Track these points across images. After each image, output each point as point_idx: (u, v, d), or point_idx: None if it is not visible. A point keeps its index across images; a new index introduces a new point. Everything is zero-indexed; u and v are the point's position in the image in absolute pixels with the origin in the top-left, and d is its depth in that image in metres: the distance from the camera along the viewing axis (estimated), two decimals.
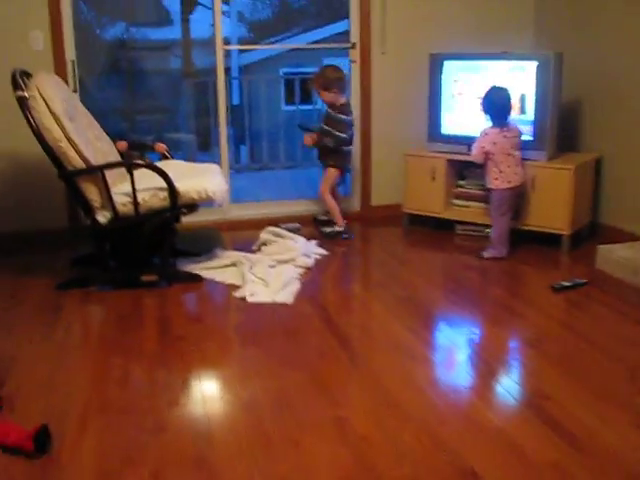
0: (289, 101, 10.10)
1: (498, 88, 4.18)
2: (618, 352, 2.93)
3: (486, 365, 2.84)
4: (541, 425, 2.34)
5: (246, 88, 9.91)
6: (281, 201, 5.41)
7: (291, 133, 8.59)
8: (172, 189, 3.63)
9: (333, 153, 4.69)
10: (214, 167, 4.26)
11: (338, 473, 2.10)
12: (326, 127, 4.63)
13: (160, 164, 3.87)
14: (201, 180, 3.78)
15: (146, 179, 3.65)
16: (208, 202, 3.84)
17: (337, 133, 4.60)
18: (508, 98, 4.15)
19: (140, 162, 3.88)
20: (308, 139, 4.81)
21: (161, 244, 3.82)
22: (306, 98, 8.77)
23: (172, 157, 4.43)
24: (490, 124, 4.20)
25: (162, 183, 3.62)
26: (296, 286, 3.72)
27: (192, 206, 3.82)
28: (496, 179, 4.19)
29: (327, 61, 14.15)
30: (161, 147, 4.37)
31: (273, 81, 10.69)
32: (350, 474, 2.10)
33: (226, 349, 3.07)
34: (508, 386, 2.67)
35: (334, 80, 4.60)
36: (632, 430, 2.32)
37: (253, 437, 2.29)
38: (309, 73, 6.05)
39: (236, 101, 11.12)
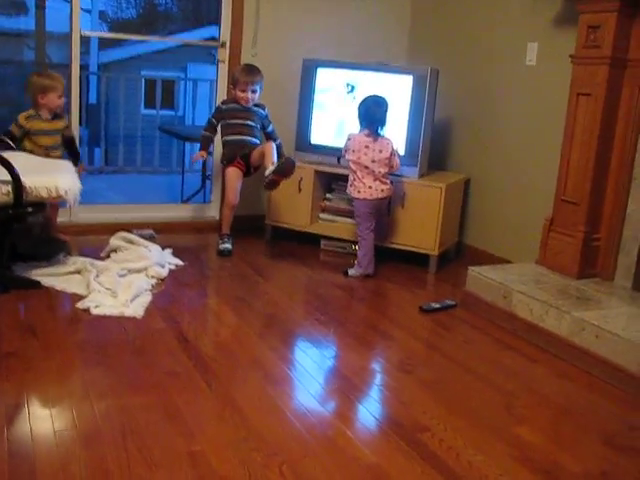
0: (149, 104, 9.65)
1: (376, 96, 3.99)
2: (492, 378, 2.79)
3: (356, 391, 2.61)
4: (419, 460, 2.13)
5: (104, 87, 9.37)
6: (135, 205, 5.01)
7: (149, 137, 8.17)
8: (17, 183, 3.19)
9: None
10: (67, 164, 3.81)
11: None
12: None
13: (6, 155, 3.39)
14: (52, 177, 3.37)
15: None
16: (59, 202, 3.42)
17: None
18: (385, 107, 3.96)
19: None
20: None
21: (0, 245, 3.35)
22: (167, 102, 8.38)
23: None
24: (360, 130, 4.01)
25: (6, 176, 3.18)
26: (147, 298, 3.37)
27: (39, 205, 3.39)
28: (350, 186, 4.06)
29: (191, 66, 13.70)
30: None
31: (133, 82, 10.20)
32: None
33: (64, 369, 2.65)
34: (380, 415, 2.45)
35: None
36: (512, 463, 2.16)
37: (91, 477, 1.93)
38: (171, 77, 5.68)
39: (93, 99, 10.53)
